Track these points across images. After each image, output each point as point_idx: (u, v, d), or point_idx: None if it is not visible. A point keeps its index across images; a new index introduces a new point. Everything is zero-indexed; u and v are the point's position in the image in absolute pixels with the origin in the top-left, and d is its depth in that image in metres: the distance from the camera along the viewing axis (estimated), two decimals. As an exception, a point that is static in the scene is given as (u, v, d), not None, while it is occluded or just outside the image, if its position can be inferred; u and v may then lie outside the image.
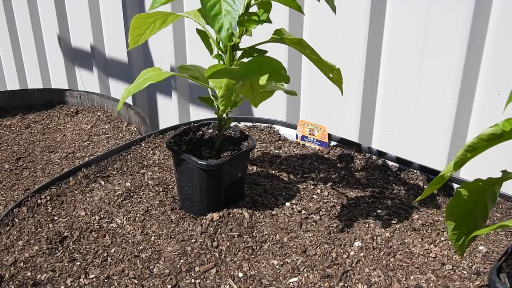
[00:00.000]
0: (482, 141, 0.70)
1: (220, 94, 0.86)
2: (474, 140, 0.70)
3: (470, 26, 1.25)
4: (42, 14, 2.56)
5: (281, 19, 1.56)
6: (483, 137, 0.69)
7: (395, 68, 1.43)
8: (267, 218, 1.05)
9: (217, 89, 0.87)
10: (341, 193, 1.13)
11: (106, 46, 2.29)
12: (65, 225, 1.04)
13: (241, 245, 0.97)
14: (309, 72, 1.61)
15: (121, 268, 0.92)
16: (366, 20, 1.41)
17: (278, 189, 1.14)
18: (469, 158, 0.71)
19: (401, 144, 1.50)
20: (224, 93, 0.86)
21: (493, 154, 1.34)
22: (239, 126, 1.45)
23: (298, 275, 0.89)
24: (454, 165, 0.72)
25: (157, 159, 1.28)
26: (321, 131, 1.32)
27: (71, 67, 2.59)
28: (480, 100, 1.32)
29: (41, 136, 1.83)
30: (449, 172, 0.73)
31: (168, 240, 0.99)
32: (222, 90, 0.86)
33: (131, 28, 0.97)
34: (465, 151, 0.71)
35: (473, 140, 0.70)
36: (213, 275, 0.90)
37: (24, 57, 2.83)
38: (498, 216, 1.05)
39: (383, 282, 0.88)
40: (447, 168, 0.74)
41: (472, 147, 0.70)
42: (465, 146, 0.71)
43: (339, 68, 0.96)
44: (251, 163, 1.25)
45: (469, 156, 0.71)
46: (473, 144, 0.70)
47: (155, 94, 2.20)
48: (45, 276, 0.90)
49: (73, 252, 0.96)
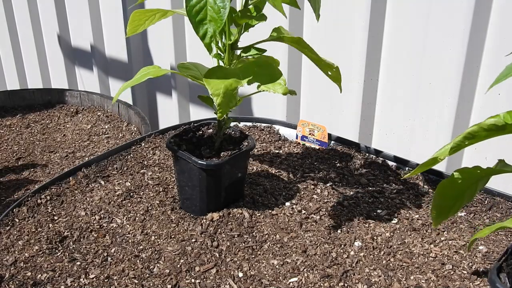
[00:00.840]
0: (482, 130, 0.69)
1: (218, 102, 0.86)
2: (474, 127, 0.69)
3: (470, 26, 1.25)
4: (42, 14, 2.56)
5: (282, 20, 1.56)
6: (484, 126, 0.68)
7: (395, 68, 1.43)
8: (267, 218, 1.05)
9: (215, 97, 0.86)
10: (341, 193, 1.13)
11: (106, 46, 2.29)
12: (65, 225, 1.04)
13: (241, 245, 0.97)
14: (309, 72, 1.61)
15: (121, 268, 0.92)
16: (366, 20, 1.41)
17: (278, 189, 1.14)
18: (466, 145, 0.71)
19: (401, 144, 1.50)
20: (222, 100, 0.86)
21: (494, 154, 1.34)
22: (239, 126, 1.45)
23: (298, 275, 0.89)
24: (450, 149, 0.72)
25: (157, 159, 1.28)
26: (321, 131, 1.32)
27: (71, 67, 2.59)
28: (480, 100, 1.32)
29: (41, 136, 1.83)
30: (443, 155, 0.73)
31: (168, 240, 0.99)
32: (220, 97, 0.86)
33: (130, 20, 0.97)
34: (464, 138, 0.70)
35: (473, 127, 0.69)
36: (213, 275, 0.90)
37: (24, 57, 2.83)
38: (498, 216, 1.06)
39: (383, 282, 0.88)
40: (442, 152, 0.74)
41: (471, 134, 0.70)
42: (464, 133, 0.70)
43: (337, 66, 0.96)
44: (251, 163, 1.25)
45: (466, 144, 0.70)
46: (473, 132, 0.69)
47: (155, 94, 2.21)
48: (45, 276, 0.90)
49: (73, 252, 0.96)
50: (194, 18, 0.85)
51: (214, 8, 0.84)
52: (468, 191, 0.78)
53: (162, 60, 2.07)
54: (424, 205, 1.09)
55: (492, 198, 1.09)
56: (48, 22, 2.55)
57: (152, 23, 0.98)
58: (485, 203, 1.09)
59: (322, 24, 1.51)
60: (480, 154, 1.37)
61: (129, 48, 2.14)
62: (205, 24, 0.85)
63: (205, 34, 0.86)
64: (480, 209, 1.07)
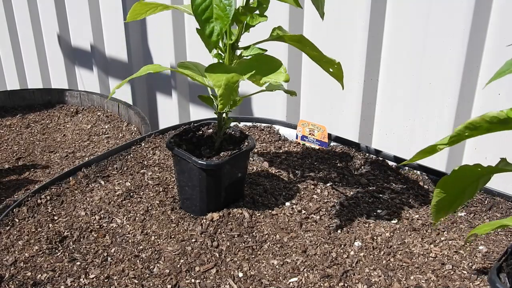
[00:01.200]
0: (485, 122, 0.67)
1: (219, 93, 0.86)
2: (476, 118, 0.67)
3: (470, 26, 1.25)
4: (42, 14, 2.56)
5: (282, 21, 1.56)
6: (486, 118, 0.67)
7: (395, 68, 1.43)
8: (267, 218, 1.05)
9: (216, 88, 0.87)
10: (341, 193, 1.13)
11: (106, 45, 2.29)
12: (65, 225, 1.04)
13: (241, 245, 0.97)
14: (309, 72, 1.61)
15: (121, 268, 0.92)
16: (366, 20, 1.41)
17: (278, 189, 1.14)
18: (466, 136, 0.69)
19: (401, 144, 1.50)
20: (223, 92, 0.86)
21: (494, 154, 1.34)
22: (239, 126, 1.44)
23: (298, 275, 0.89)
24: (449, 138, 0.70)
25: (157, 159, 1.28)
26: (321, 131, 1.32)
27: (71, 67, 2.59)
28: (480, 100, 1.32)
29: (41, 136, 1.83)
30: (443, 145, 0.72)
31: (168, 240, 0.99)
32: (221, 89, 0.86)
33: (131, 10, 0.97)
34: (465, 128, 0.68)
35: (475, 118, 0.67)
36: (213, 275, 0.90)
37: (24, 57, 2.84)
38: (498, 216, 1.05)
39: (383, 282, 0.88)
40: (442, 140, 0.73)
41: (473, 125, 0.68)
42: (466, 123, 0.68)
43: (339, 62, 0.96)
44: (251, 163, 1.25)
45: (467, 135, 0.68)
46: (475, 122, 0.67)
47: (155, 94, 2.21)
48: (45, 276, 0.90)
49: (73, 252, 0.96)
50: (200, 16, 0.85)
51: (220, 6, 0.84)
52: (469, 188, 0.78)
53: (162, 59, 2.07)
54: (424, 205, 1.09)
55: (492, 198, 1.10)
56: (48, 22, 2.55)
57: (154, 13, 0.98)
58: (485, 203, 1.09)
59: (322, 24, 1.51)
60: (480, 154, 1.37)
61: (129, 48, 2.14)
62: (212, 22, 0.86)
63: (212, 32, 0.86)
64: (480, 209, 1.07)
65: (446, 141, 0.71)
